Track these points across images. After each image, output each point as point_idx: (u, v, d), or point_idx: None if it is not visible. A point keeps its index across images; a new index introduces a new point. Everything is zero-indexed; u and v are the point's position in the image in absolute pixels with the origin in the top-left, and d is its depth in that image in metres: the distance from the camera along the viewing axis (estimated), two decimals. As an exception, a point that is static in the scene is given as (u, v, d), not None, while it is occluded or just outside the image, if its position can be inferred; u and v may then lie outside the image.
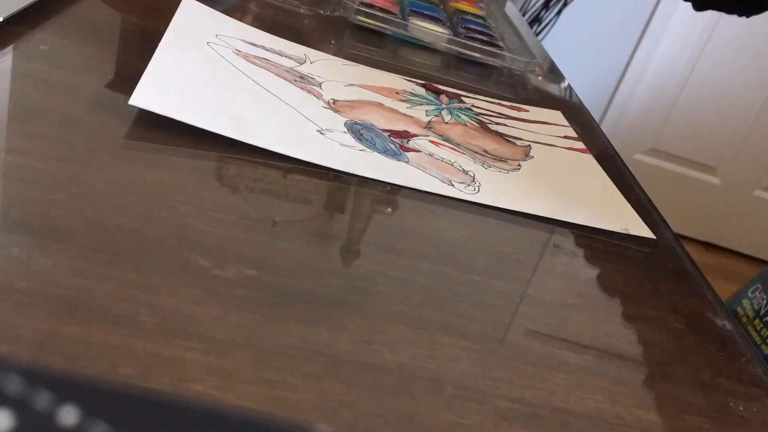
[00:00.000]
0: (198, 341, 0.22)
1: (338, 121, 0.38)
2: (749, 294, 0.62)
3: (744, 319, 0.69)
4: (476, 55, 0.59)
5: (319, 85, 0.43)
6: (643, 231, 0.39)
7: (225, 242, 0.27)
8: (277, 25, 0.54)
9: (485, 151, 0.42)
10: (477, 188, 0.36)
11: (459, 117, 0.46)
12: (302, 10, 0.55)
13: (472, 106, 0.49)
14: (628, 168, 0.49)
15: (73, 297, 0.22)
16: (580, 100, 0.59)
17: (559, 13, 1.78)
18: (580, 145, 0.48)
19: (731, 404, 0.28)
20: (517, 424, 0.24)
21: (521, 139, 0.46)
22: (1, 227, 0.23)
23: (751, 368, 0.31)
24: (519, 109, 0.52)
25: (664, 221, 0.43)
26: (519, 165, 0.42)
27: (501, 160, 0.41)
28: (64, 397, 0.13)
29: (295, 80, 0.42)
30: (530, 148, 0.45)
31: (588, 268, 0.35)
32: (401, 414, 0.22)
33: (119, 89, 0.35)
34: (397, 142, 0.38)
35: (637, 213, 0.45)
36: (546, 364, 0.27)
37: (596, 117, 0.58)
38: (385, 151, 0.37)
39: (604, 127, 0.55)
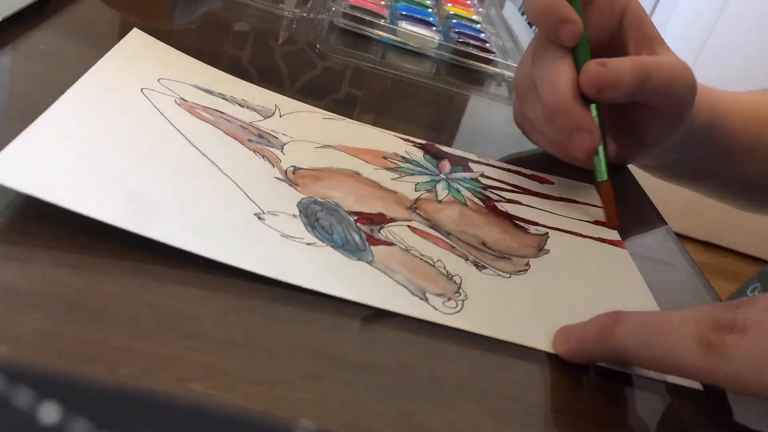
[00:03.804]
0: (198, 341, 0.22)
1: (291, 200, 0.31)
2: (748, 293, 0.62)
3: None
4: (467, 60, 0.57)
5: (282, 147, 0.35)
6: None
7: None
8: (261, 29, 0.54)
9: (484, 244, 0.33)
10: (460, 303, 0.28)
11: (458, 193, 0.37)
12: (286, 14, 0.55)
13: (481, 175, 0.40)
14: (627, 168, 0.49)
15: (73, 297, 0.22)
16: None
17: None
18: (614, 234, 0.38)
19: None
20: (517, 424, 0.24)
21: (537, 224, 0.37)
22: (1, 227, 0.23)
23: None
24: (542, 181, 0.42)
25: (664, 221, 0.43)
26: (527, 265, 0.33)
27: (504, 257, 0.33)
28: (63, 397, 0.13)
29: (249, 140, 0.34)
30: (547, 237, 0.36)
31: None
32: (401, 414, 0.22)
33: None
34: (365, 231, 0.30)
35: (637, 213, 0.45)
36: (546, 364, 0.27)
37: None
38: (343, 245, 0.29)
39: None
